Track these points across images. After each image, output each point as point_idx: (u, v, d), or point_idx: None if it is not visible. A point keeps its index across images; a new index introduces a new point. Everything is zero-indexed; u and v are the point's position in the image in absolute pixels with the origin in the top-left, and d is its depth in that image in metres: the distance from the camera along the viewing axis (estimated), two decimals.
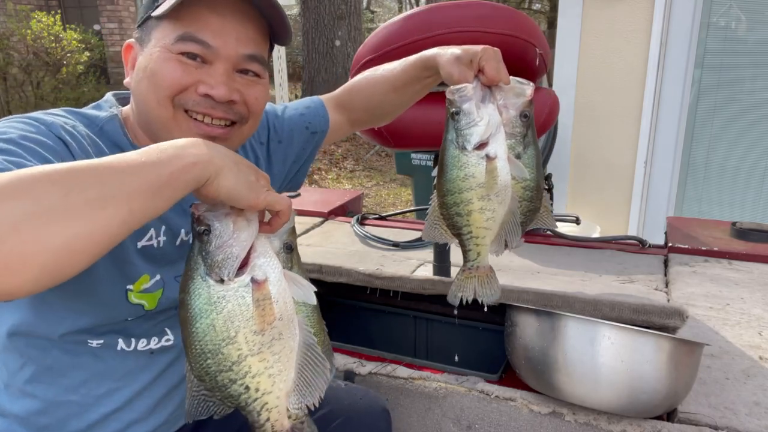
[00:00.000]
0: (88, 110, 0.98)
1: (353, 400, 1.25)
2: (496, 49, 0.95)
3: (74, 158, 0.84)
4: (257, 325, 0.72)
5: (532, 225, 1.01)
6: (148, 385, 1.03)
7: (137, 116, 0.98)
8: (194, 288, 0.72)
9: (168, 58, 0.91)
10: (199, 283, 0.72)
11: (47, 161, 0.78)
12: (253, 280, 0.72)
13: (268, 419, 0.77)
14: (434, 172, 0.98)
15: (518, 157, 0.94)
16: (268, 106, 1.26)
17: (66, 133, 0.86)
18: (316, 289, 0.78)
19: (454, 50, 0.99)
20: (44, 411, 0.98)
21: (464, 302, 1.03)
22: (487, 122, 0.91)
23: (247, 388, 0.75)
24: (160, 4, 0.91)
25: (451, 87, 0.94)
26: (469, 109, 0.92)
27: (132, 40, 0.99)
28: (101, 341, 0.98)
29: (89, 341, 0.97)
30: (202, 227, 0.72)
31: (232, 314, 0.71)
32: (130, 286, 0.95)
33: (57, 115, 0.90)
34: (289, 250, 0.79)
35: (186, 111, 0.93)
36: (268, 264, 0.73)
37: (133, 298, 0.96)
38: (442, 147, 0.94)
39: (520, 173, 0.93)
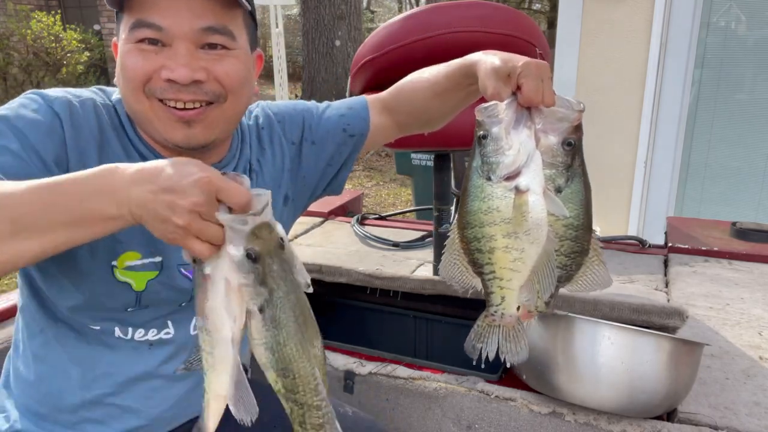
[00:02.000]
0: (111, 89, 1.02)
1: (360, 430, 1.23)
2: (542, 63, 0.84)
3: (64, 134, 0.89)
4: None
5: (580, 286, 0.89)
6: (144, 376, 1.04)
7: (126, 110, 0.98)
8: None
9: (129, 49, 0.90)
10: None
11: (29, 145, 0.84)
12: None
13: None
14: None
15: (559, 190, 0.82)
16: (309, 103, 1.22)
17: (67, 109, 0.90)
18: (308, 279, 0.76)
19: (494, 59, 0.88)
20: (48, 378, 1.02)
21: (483, 359, 0.89)
22: (517, 151, 0.79)
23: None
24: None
25: (480, 105, 0.82)
26: (497, 134, 0.80)
27: (116, 38, 0.98)
28: (98, 327, 1.00)
29: (90, 325, 1.00)
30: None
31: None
32: (114, 262, 0.95)
33: (76, 91, 0.95)
34: (252, 259, 0.70)
35: (160, 99, 0.91)
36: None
37: (119, 275, 0.96)
38: (466, 172, 0.84)
39: (559, 210, 0.81)
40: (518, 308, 0.87)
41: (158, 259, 0.99)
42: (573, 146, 0.81)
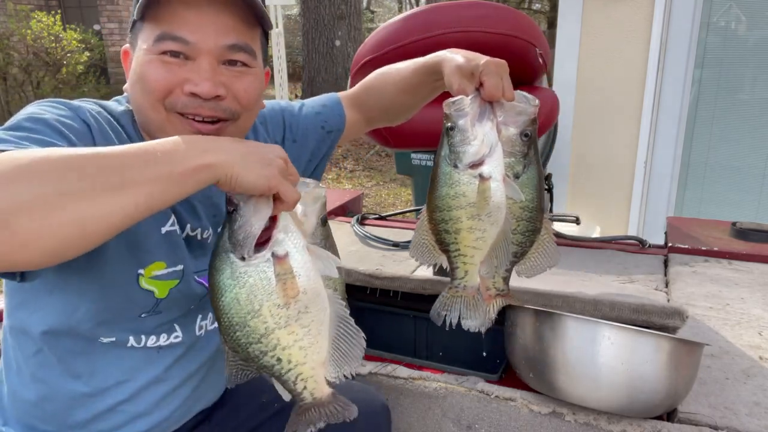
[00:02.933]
0: (108, 103, 1.01)
1: (352, 395, 1.25)
2: (501, 62, 0.91)
3: (95, 141, 0.89)
4: (281, 298, 0.75)
5: (533, 263, 0.98)
6: (155, 380, 1.04)
7: (137, 119, 0.99)
8: (219, 264, 0.77)
9: (151, 60, 0.90)
10: (224, 259, 0.77)
11: (71, 142, 0.83)
12: (274, 256, 0.75)
13: (305, 388, 0.81)
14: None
15: (517, 176, 0.91)
16: (285, 103, 1.26)
17: (91, 117, 0.90)
18: (341, 263, 0.83)
19: (458, 58, 0.95)
20: (52, 397, 1.00)
21: (447, 325, 0.99)
22: (480, 141, 0.87)
23: (279, 359, 0.78)
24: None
25: (448, 100, 0.90)
26: (463, 125, 0.88)
27: (127, 45, 0.99)
28: (113, 339, 0.99)
29: (101, 338, 0.98)
30: (231, 207, 0.77)
31: (255, 289, 0.75)
32: (141, 271, 0.96)
33: (83, 101, 0.95)
34: (324, 223, 0.84)
35: (177, 112, 0.93)
36: (289, 239, 0.76)
37: (144, 284, 0.97)
38: (434, 161, 0.92)
39: (516, 195, 0.90)
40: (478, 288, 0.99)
41: (180, 267, 1.00)
42: (530, 137, 0.90)
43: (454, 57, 0.97)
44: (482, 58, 0.92)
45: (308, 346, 0.78)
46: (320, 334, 0.79)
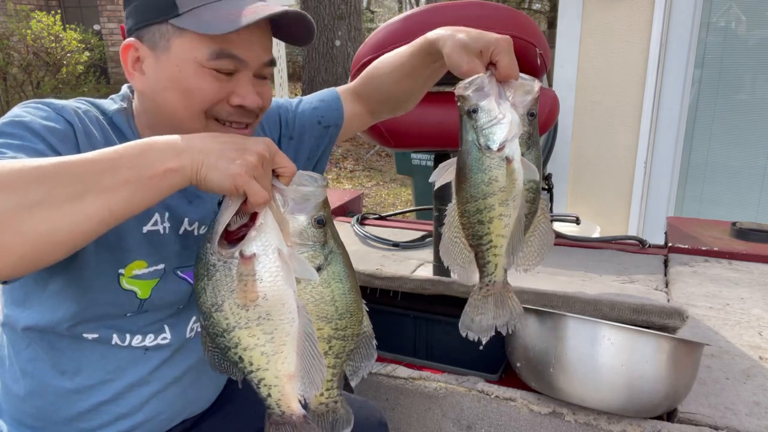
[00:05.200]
0: (102, 101, 1.01)
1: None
2: (508, 38, 0.87)
3: (78, 141, 0.89)
4: (239, 299, 0.74)
5: (530, 247, 0.93)
6: (140, 381, 1.03)
7: (151, 119, 0.99)
8: (199, 252, 0.77)
9: (203, 74, 0.91)
10: (202, 248, 0.76)
11: (52, 145, 0.83)
12: (241, 255, 0.73)
13: (269, 395, 0.79)
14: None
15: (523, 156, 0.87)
16: (282, 100, 1.26)
17: (75, 116, 0.90)
18: (315, 277, 0.78)
19: (461, 36, 0.90)
20: (39, 392, 1.00)
21: (476, 338, 0.93)
22: (510, 120, 0.83)
23: (241, 359, 0.77)
24: (182, 14, 0.90)
25: (463, 82, 0.85)
26: (489, 105, 0.83)
27: (132, 39, 0.95)
28: (96, 335, 0.99)
29: (84, 334, 0.98)
30: (220, 199, 0.76)
31: (219, 283, 0.74)
32: (121, 270, 0.96)
33: (75, 100, 0.95)
34: (320, 224, 0.79)
35: (216, 119, 0.96)
36: (260, 240, 0.74)
37: (125, 284, 0.97)
38: (461, 150, 0.86)
39: (533, 175, 0.86)
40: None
41: (161, 266, 1.00)
42: (534, 117, 0.87)
43: (454, 35, 0.91)
44: (491, 36, 0.87)
45: (271, 354, 0.76)
46: (285, 345, 0.77)
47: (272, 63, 0.99)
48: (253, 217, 0.75)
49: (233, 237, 0.75)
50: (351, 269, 0.84)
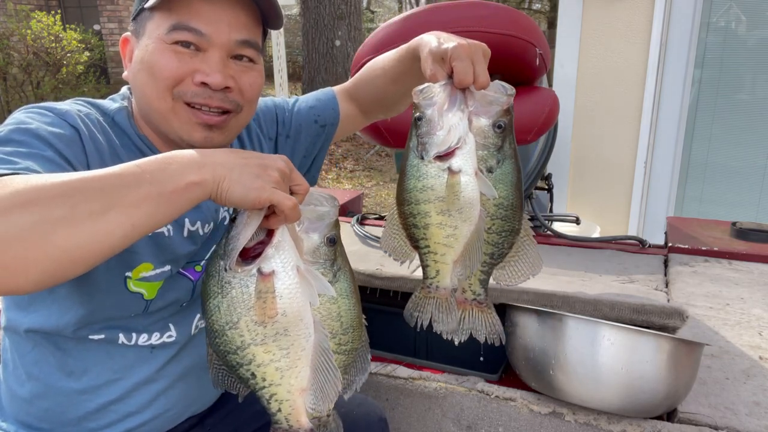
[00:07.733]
0: (102, 101, 1.01)
1: (350, 407, 1.24)
2: (475, 45, 0.85)
3: (84, 146, 0.89)
4: (257, 316, 0.73)
5: (514, 268, 0.91)
6: (147, 380, 1.04)
7: (138, 108, 1.00)
8: (210, 268, 0.76)
9: (163, 48, 0.91)
10: (215, 265, 0.76)
11: (60, 152, 0.83)
12: (260, 272, 0.73)
13: (279, 410, 0.79)
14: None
15: (490, 170, 0.85)
16: (279, 99, 1.26)
17: (79, 121, 0.90)
18: (333, 293, 0.79)
19: (432, 42, 0.89)
20: (45, 395, 1.01)
21: (419, 327, 0.93)
22: (447, 131, 0.81)
23: (254, 375, 0.77)
24: None
25: (417, 88, 0.84)
26: (430, 115, 0.82)
27: (128, 33, 0.99)
28: (102, 336, 0.99)
29: (90, 335, 0.98)
30: (233, 215, 0.77)
31: (235, 301, 0.74)
32: (128, 273, 0.96)
33: (72, 104, 0.95)
34: (332, 243, 0.80)
35: (185, 102, 0.94)
36: (279, 257, 0.74)
37: (132, 286, 0.97)
38: (404, 152, 0.86)
39: (489, 191, 0.84)
40: (455, 291, 0.92)
41: (167, 268, 1.01)
42: (503, 129, 0.84)
43: (429, 40, 0.90)
44: (454, 41, 0.85)
45: (285, 369, 0.76)
46: (300, 359, 0.77)
47: (251, 45, 0.96)
48: (269, 234, 0.75)
49: (248, 254, 0.75)
50: (355, 284, 0.84)
